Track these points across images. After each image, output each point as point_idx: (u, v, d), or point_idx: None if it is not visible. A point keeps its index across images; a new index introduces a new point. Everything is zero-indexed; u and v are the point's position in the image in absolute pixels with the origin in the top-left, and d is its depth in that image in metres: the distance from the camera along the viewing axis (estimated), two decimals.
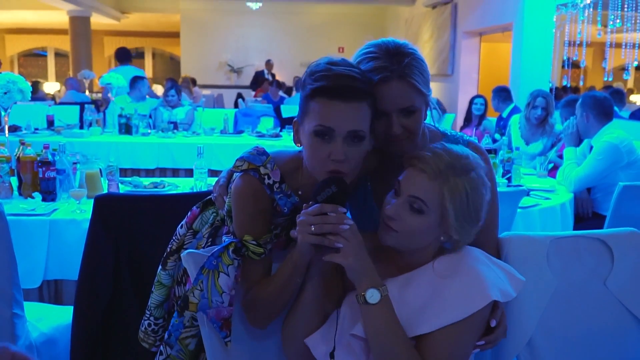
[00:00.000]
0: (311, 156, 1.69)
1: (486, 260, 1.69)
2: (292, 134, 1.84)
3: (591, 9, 7.17)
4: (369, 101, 1.68)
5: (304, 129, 1.70)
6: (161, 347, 1.99)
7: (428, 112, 1.85)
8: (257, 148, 1.84)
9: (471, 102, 7.97)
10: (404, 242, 1.66)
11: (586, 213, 4.45)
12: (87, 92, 11.28)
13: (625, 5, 6.47)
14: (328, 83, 1.64)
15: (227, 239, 1.83)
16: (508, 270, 1.72)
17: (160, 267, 2.07)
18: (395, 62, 1.71)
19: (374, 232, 1.72)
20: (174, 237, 2.08)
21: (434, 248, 1.70)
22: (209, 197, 2.07)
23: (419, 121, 1.78)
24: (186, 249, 2.00)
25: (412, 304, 1.64)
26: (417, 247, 1.68)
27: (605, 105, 4.44)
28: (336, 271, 1.74)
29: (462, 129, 8.10)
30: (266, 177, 1.78)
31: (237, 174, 1.82)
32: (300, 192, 1.82)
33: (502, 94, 7.52)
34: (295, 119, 1.77)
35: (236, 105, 12.44)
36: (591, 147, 4.44)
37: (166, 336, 1.95)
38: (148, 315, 2.10)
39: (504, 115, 7.36)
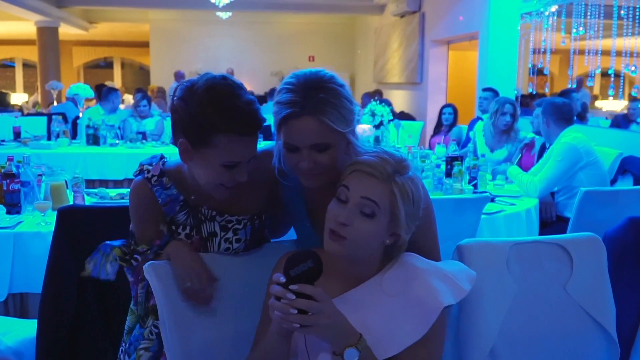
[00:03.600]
0: (214, 180, 1.81)
1: (429, 262, 1.72)
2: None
3: (555, 17, 7.27)
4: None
5: (206, 158, 1.78)
6: (120, 354, 2.02)
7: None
8: (156, 154, 2.01)
9: (441, 112, 8.02)
10: (354, 250, 1.63)
11: (550, 217, 4.50)
12: (55, 103, 11.16)
13: (588, 13, 6.56)
14: (236, 122, 1.73)
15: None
16: (456, 267, 1.74)
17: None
18: (309, 98, 1.68)
19: (321, 249, 1.70)
20: None
21: (379, 254, 1.70)
22: None
23: (333, 158, 1.74)
24: None
25: (371, 328, 1.62)
26: (365, 255, 1.67)
27: (564, 110, 4.56)
28: None
29: (432, 137, 8.16)
30: (146, 172, 1.92)
31: None
32: (189, 191, 1.93)
33: (492, 93, 7.46)
34: (182, 139, 1.80)
35: None
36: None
37: (127, 345, 1.97)
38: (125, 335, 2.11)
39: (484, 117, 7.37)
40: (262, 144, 1.94)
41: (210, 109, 1.72)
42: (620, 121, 7.98)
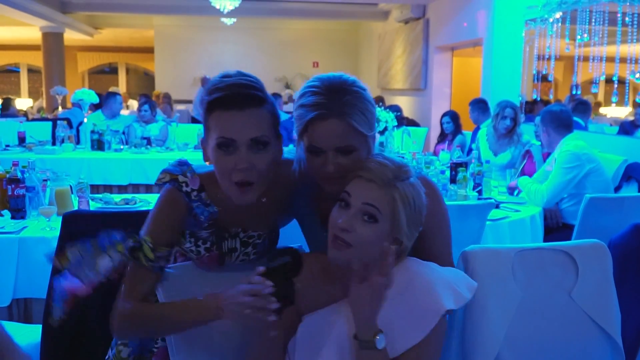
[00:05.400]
0: (218, 169, 1.72)
1: (430, 266, 1.72)
2: None
3: (560, 24, 7.27)
4: (267, 107, 1.71)
5: (209, 145, 1.73)
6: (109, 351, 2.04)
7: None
8: (180, 160, 1.87)
9: (441, 122, 8.05)
10: (357, 256, 1.62)
11: (555, 223, 4.50)
12: (60, 109, 11.17)
13: (593, 20, 6.56)
14: (222, 93, 1.67)
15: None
16: (457, 275, 1.75)
17: None
18: (336, 99, 1.69)
19: (320, 254, 1.72)
20: None
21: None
22: None
23: (357, 161, 1.74)
24: None
25: None
26: (368, 261, 1.65)
27: (562, 117, 4.56)
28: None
29: (437, 144, 8.16)
30: (184, 184, 1.80)
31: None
32: (220, 208, 1.83)
33: (481, 105, 7.54)
34: (202, 137, 1.79)
35: None
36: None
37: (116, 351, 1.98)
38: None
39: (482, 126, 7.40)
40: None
41: (205, 95, 1.72)
42: (627, 127, 7.96)
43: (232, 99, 1.66)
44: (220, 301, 1.64)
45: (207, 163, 1.80)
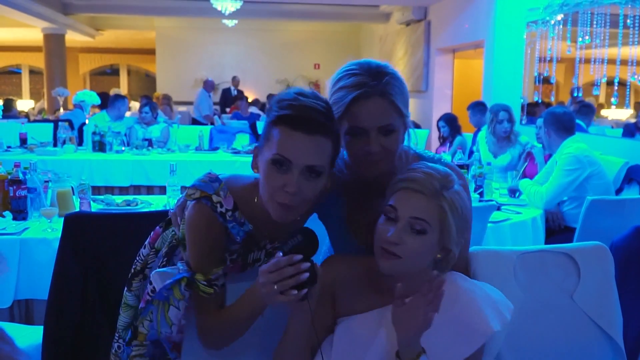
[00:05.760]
0: (265, 183, 1.68)
1: (474, 283, 1.72)
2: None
3: (561, 26, 7.26)
4: (332, 138, 1.67)
5: (263, 155, 1.69)
6: (111, 356, 2.01)
7: (405, 136, 1.85)
8: (210, 175, 1.82)
9: (437, 125, 8.04)
10: (407, 266, 1.63)
11: (557, 226, 4.49)
12: (62, 110, 11.19)
13: (594, 22, 6.56)
14: (293, 112, 1.63)
15: (181, 268, 1.81)
16: (497, 294, 1.75)
17: (125, 288, 2.05)
18: (377, 79, 1.71)
19: (360, 257, 1.71)
20: (137, 258, 2.06)
21: (429, 270, 1.68)
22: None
23: (397, 142, 1.77)
24: (150, 268, 2.00)
25: None
26: (416, 271, 1.65)
27: (564, 120, 4.53)
28: (325, 299, 1.71)
29: (439, 147, 8.14)
30: (218, 205, 1.76)
31: (190, 202, 1.80)
32: (255, 222, 1.80)
33: (480, 107, 7.53)
34: (257, 144, 1.75)
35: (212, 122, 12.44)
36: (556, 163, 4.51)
37: (118, 348, 1.96)
38: (117, 338, 2.07)
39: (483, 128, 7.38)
40: None
41: (275, 104, 1.68)
42: (632, 129, 7.94)
43: (302, 121, 1.62)
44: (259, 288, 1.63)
45: (254, 171, 1.76)
